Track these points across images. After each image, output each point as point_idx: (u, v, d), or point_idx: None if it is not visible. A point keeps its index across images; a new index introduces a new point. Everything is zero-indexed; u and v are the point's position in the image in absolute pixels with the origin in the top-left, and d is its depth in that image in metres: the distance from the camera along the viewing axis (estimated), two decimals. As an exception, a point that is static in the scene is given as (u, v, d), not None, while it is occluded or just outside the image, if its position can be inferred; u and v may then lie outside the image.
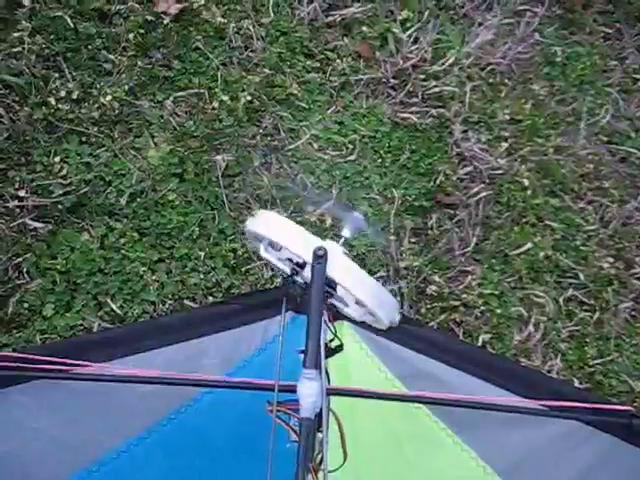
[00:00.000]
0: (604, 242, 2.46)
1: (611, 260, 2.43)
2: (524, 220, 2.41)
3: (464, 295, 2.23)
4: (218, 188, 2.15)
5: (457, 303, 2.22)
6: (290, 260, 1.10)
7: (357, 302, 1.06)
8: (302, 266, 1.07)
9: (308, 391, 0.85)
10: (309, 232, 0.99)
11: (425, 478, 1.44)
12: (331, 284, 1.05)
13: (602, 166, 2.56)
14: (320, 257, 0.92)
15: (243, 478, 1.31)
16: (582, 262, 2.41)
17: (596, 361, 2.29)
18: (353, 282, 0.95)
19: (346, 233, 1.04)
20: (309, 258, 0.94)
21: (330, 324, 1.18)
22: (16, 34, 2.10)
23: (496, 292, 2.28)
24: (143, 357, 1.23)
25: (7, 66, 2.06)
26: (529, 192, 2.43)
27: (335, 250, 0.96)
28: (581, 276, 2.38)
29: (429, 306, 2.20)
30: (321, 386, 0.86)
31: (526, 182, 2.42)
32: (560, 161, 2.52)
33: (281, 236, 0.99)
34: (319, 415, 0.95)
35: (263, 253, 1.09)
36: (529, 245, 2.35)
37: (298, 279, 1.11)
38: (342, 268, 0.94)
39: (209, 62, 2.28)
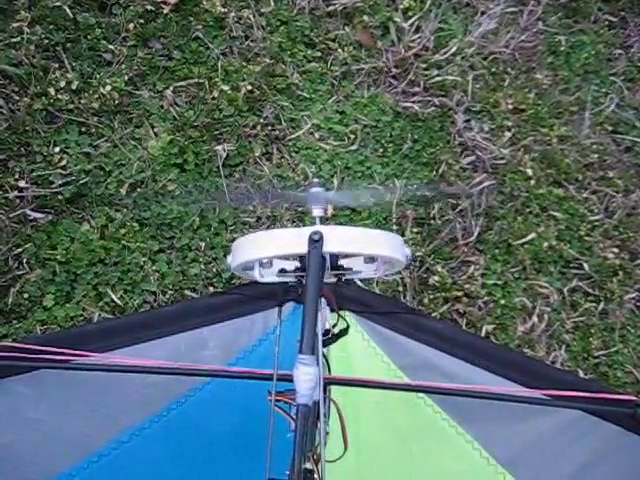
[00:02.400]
0: (609, 232, 2.44)
1: (616, 250, 2.41)
2: (528, 210, 2.39)
3: (467, 285, 2.21)
4: (219, 178, 2.14)
5: (460, 293, 2.20)
6: (284, 270, 1.08)
7: (366, 261, 1.04)
8: (302, 268, 1.05)
9: (304, 377, 0.83)
10: (284, 228, 0.97)
11: (428, 471, 1.43)
12: (336, 261, 1.03)
13: (607, 156, 2.54)
14: (316, 241, 0.90)
15: (243, 469, 1.30)
16: (586, 252, 2.39)
17: (601, 352, 2.28)
18: (355, 245, 0.93)
19: (318, 212, 1.02)
20: (303, 249, 0.92)
21: (334, 307, 1.17)
22: (15, 24, 2.09)
23: (499, 282, 2.26)
24: (143, 347, 1.22)
25: (6, 56, 2.05)
26: (533, 182, 2.41)
27: (321, 229, 0.93)
28: (585, 266, 2.36)
29: (432, 296, 2.19)
30: (318, 372, 0.85)
31: (530, 172, 2.41)
32: (564, 151, 2.50)
33: (266, 250, 0.96)
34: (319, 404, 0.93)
35: (261, 278, 1.07)
36: (533, 235, 2.34)
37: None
38: (337, 239, 0.92)
39: (209, 52, 2.26)
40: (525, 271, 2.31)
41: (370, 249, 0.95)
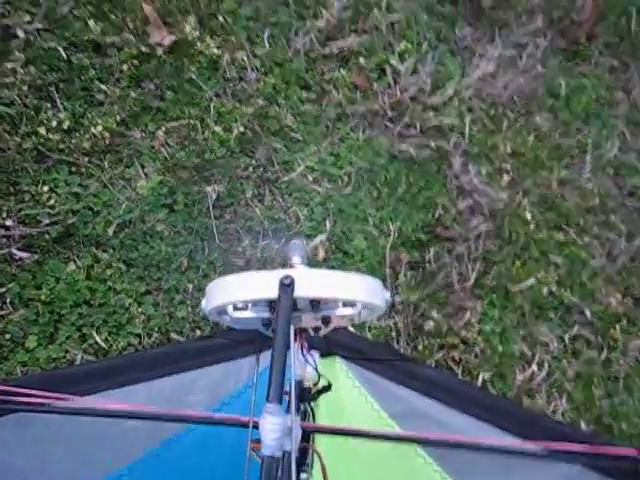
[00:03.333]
0: (611, 278, 2.39)
1: (619, 297, 2.35)
2: (527, 255, 2.34)
3: (463, 332, 2.15)
4: (208, 219, 2.11)
5: (456, 340, 2.14)
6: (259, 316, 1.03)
7: (345, 304, 0.99)
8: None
9: (269, 427, 0.78)
10: (258, 270, 0.93)
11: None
12: (313, 305, 0.99)
13: (608, 199, 2.50)
14: (287, 285, 0.85)
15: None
16: (588, 298, 2.33)
17: (604, 402, 2.20)
18: (329, 290, 0.89)
19: (296, 260, 0.98)
20: (274, 294, 0.88)
21: (308, 356, 1.12)
22: (9, 65, 2.09)
23: (497, 329, 2.20)
24: (127, 391, 1.19)
25: (-1, 96, 2.04)
26: (532, 226, 2.36)
27: (298, 272, 0.89)
28: (587, 313, 2.30)
29: (426, 343, 2.13)
30: (285, 422, 0.79)
31: (529, 216, 2.36)
32: (564, 194, 2.46)
33: (237, 294, 0.92)
34: (303, 453, 0.88)
35: (237, 325, 1.02)
36: (532, 280, 2.28)
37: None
38: (313, 283, 0.88)
39: (202, 93, 2.25)
40: (524, 317, 2.25)
41: (345, 294, 0.91)
